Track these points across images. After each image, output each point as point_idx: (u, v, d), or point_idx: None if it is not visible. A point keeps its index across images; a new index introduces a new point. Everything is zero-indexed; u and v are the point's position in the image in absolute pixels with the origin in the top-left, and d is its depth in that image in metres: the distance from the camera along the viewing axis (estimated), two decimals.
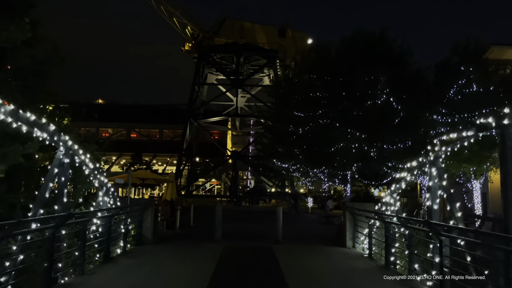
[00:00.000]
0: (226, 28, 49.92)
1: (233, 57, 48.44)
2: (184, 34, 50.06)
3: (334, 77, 22.79)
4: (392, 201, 10.08)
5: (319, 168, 25.07)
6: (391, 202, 10.10)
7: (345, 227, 12.82)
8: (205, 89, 54.81)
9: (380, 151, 22.02)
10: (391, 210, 10.17)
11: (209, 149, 54.81)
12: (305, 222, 26.16)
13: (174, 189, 17.56)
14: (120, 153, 65.66)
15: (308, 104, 23.22)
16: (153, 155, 66.33)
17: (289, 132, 24.67)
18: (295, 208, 20.45)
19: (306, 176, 30.61)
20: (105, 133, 73.71)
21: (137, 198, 18.49)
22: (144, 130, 72.98)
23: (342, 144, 22.33)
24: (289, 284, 7.76)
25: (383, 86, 22.48)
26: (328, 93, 22.88)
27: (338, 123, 22.25)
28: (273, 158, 28.15)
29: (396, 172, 26.30)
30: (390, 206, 10.14)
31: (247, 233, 17.46)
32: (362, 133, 21.97)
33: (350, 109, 22.19)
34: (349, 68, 22.35)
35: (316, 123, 23.02)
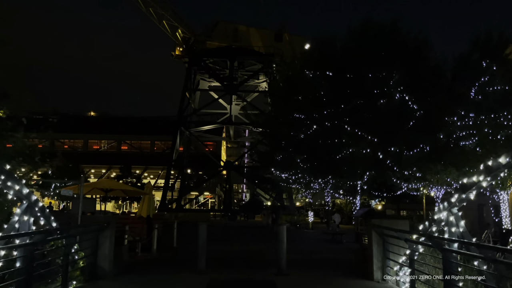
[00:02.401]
0: (219, 32, 47.11)
1: (227, 61, 45.58)
2: (174, 38, 47.21)
3: (340, 73, 19.81)
4: (452, 219, 6.89)
5: (324, 178, 21.89)
6: (451, 220, 6.91)
7: (372, 252, 9.58)
8: (197, 96, 51.79)
9: (396, 158, 18.92)
10: (449, 232, 6.99)
11: (202, 160, 51.66)
12: (308, 240, 22.81)
13: (151, 204, 14.34)
14: (109, 165, 62.54)
15: (311, 104, 20.18)
16: (144, 167, 62.99)
17: (289, 137, 21.52)
18: (275, 223, 17.78)
19: (307, 187, 27.43)
20: (95, 145, 70.82)
21: (96, 216, 15.14)
22: (136, 142, 70.32)
23: (351, 149, 19.27)
24: None
25: (397, 83, 19.55)
26: (334, 92, 19.84)
27: (346, 125, 19.20)
28: (271, 168, 24.93)
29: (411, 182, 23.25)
30: (450, 227, 6.93)
31: (241, 257, 14.15)
32: (374, 137, 18.94)
33: (360, 109, 19.18)
34: (358, 64, 19.44)
35: (321, 125, 19.92)
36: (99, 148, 70.14)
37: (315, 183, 24.03)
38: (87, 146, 70.03)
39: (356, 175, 19.50)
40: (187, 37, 46.33)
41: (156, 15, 45.32)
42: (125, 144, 69.53)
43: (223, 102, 49.10)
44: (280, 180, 26.15)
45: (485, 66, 19.25)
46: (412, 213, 47.81)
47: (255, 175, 43.34)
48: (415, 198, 36.07)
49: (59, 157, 45.77)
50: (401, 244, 8.53)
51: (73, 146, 69.59)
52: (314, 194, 34.55)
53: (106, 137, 69.12)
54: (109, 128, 68.59)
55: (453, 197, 6.74)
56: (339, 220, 30.80)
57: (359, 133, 18.89)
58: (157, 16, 45.60)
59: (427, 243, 7.23)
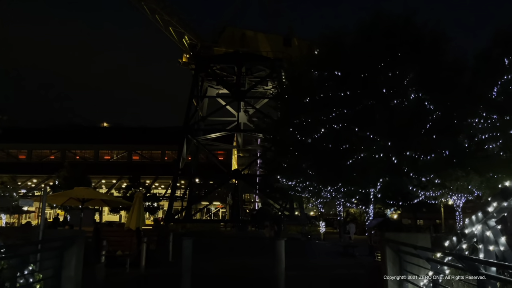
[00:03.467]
0: (226, 37, 46.05)
1: (234, 67, 44.40)
2: (181, 45, 46.32)
3: (350, 72, 18.31)
4: (489, 234, 5.33)
5: (334, 186, 20.27)
6: (488, 236, 5.36)
7: (386, 273, 8.01)
8: (205, 104, 50.68)
9: (412, 163, 17.25)
10: (485, 251, 5.43)
11: (212, 169, 50.40)
12: (318, 253, 21.14)
13: (141, 215, 12.99)
14: (120, 176, 61.90)
15: (319, 105, 18.69)
16: (154, 177, 62.04)
17: (295, 142, 20.01)
18: (277, 236, 16.48)
19: (317, 196, 25.79)
20: (106, 155, 70.70)
21: (63, 230, 13.46)
22: (147, 152, 70.01)
23: (362, 154, 17.68)
24: None
25: (412, 81, 17.97)
26: (343, 92, 18.32)
27: (357, 127, 17.63)
28: (277, 175, 23.41)
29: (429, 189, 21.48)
30: (487, 244, 5.38)
31: (238, 275, 12.64)
32: (388, 140, 17.33)
33: (372, 110, 17.62)
34: (368, 61, 17.95)
35: (329, 128, 18.38)
36: (110, 159, 69.92)
37: (325, 192, 22.43)
38: (98, 156, 69.88)
39: (369, 182, 17.89)
40: (193, 44, 45.41)
41: (162, 22, 44.56)
42: (136, 154, 69.31)
43: (231, 109, 47.88)
44: (288, 188, 24.61)
45: (508, 63, 17.62)
46: (430, 223, 45.62)
47: (264, 184, 41.79)
48: (432, 207, 34.11)
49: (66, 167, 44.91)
50: (421, 264, 6.98)
51: (84, 157, 69.52)
52: (326, 203, 32.82)
53: (117, 147, 68.96)
54: (120, 138, 68.62)
55: (490, 206, 5.19)
56: (354, 230, 28.96)
57: (371, 136, 17.32)
58: (163, 23, 44.83)
59: (457, 265, 5.70)
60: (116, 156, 69.77)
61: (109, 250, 13.21)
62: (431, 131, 17.70)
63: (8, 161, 66.96)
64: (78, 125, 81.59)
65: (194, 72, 45.23)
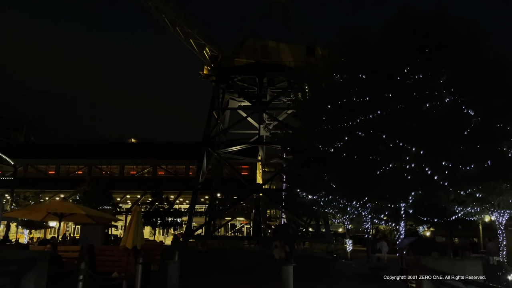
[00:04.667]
0: (247, 48, 44.94)
1: (255, 78, 43.11)
2: (202, 57, 45.54)
3: (376, 73, 16.51)
4: None
5: (360, 200, 18.27)
6: None
7: None
8: (227, 117, 49.48)
9: (449, 174, 15.11)
10: None
11: (235, 184, 48.99)
12: (341, 276, 19.01)
13: (139, 232, 11.55)
14: (144, 191, 61.54)
15: (341, 111, 16.92)
16: (179, 192, 61.26)
17: (316, 152, 18.21)
18: (289, 257, 14.63)
19: (343, 212, 23.74)
20: (132, 170, 71.11)
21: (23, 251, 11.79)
22: (171, 167, 69.86)
23: (391, 164, 15.72)
24: None
25: (447, 82, 15.97)
26: (369, 96, 16.49)
27: (385, 134, 15.71)
28: (297, 188, 21.58)
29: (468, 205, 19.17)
30: None
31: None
32: (420, 149, 15.32)
33: (401, 115, 15.69)
34: (397, 61, 16.14)
35: (354, 136, 16.53)
36: (135, 174, 70.20)
37: (351, 207, 20.42)
38: (123, 171, 70.26)
39: (398, 196, 15.85)
40: (214, 55, 44.53)
41: (183, 34, 43.99)
42: (161, 169, 69.41)
43: (252, 121, 46.45)
44: (309, 203, 22.73)
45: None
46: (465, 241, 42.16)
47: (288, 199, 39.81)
48: (468, 224, 31.23)
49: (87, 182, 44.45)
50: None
51: (110, 172, 70.08)
52: (353, 219, 30.55)
53: (142, 162, 69.27)
54: (146, 153, 69.05)
55: None
56: (386, 249, 26.61)
57: (400, 144, 15.37)
58: (184, 35, 44.26)
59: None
60: (141, 171, 70.02)
61: (103, 271, 11.81)
62: (470, 139, 15.58)
63: (36, 177, 68.27)
64: (104, 141, 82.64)
65: (215, 84, 44.23)
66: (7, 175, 66.61)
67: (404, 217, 16.97)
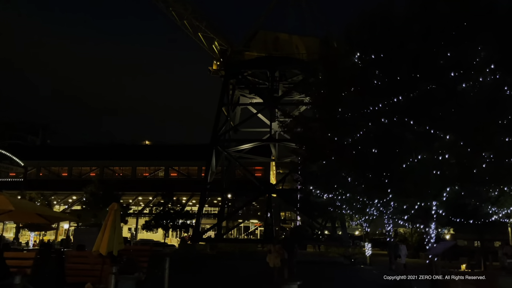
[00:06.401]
0: (258, 41, 42.78)
1: (267, 72, 40.92)
2: (211, 52, 43.65)
3: (400, 50, 14.12)
4: None
5: (382, 199, 15.85)
6: None
7: None
8: (238, 114, 47.40)
9: (492, 167, 12.62)
10: None
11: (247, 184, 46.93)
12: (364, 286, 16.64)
13: (116, 236, 9.48)
14: (156, 192, 60.21)
15: (363, 95, 14.57)
16: (191, 194, 59.65)
17: (333, 143, 15.85)
18: (288, 265, 12.15)
19: (361, 213, 21.32)
20: (144, 172, 70.24)
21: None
22: (184, 168, 68.83)
23: (420, 155, 13.32)
24: None
25: (487, 59, 13.49)
26: (393, 76, 14.09)
27: (413, 120, 13.31)
28: (311, 186, 19.28)
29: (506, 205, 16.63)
30: None
31: None
32: (456, 136, 12.90)
33: (432, 98, 13.27)
34: (426, 35, 13.74)
35: (375, 123, 14.15)
36: (147, 175, 69.33)
37: (370, 207, 18.02)
38: (135, 173, 69.44)
39: (429, 193, 13.43)
40: (224, 49, 42.54)
41: (191, 27, 42.20)
42: (173, 171, 68.37)
43: (264, 118, 44.26)
44: (324, 202, 20.43)
45: None
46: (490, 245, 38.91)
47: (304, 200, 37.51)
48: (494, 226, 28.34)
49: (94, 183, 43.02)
50: None
51: (122, 174, 69.30)
52: (372, 221, 28.10)
53: (154, 163, 68.40)
54: (158, 155, 68.17)
55: None
56: (405, 253, 24.12)
57: (431, 131, 12.97)
58: (192, 29, 42.47)
59: None
60: (153, 173, 69.09)
61: (75, 282, 9.77)
62: None
63: (49, 178, 67.88)
64: (117, 143, 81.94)
65: (224, 79, 42.23)
66: (20, 177, 66.36)
67: (435, 218, 14.53)
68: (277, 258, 13.02)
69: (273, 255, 13.05)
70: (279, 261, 13.05)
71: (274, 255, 13.00)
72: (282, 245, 13.18)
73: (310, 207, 31.27)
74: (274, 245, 13.31)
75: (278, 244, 13.35)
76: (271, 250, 13.11)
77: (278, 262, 13.07)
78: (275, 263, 13.04)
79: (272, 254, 13.07)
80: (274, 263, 13.04)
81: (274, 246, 13.17)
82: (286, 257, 13.05)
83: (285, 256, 13.03)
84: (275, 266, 13.10)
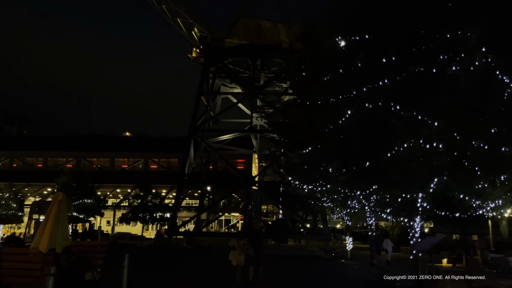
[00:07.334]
0: (240, 28, 41.30)
1: (248, 61, 39.53)
2: (190, 38, 41.98)
3: (387, 31, 13.05)
4: None
5: (365, 190, 14.85)
6: None
7: None
8: (218, 103, 45.97)
9: (483, 156, 11.69)
10: None
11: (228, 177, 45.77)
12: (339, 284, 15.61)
13: (59, 231, 8.14)
14: (135, 185, 58.58)
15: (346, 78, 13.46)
16: (170, 186, 58.28)
17: (313, 130, 14.72)
18: (256, 264, 10.76)
19: (343, 205, 20.37)
20: (123, 164, 68.47)
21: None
22: (164, 160, 67.27)
23: (406, 144, 12.31)
24: None
25: (477, 40, 12.52)
26: (379, 58, 13.00)
27: (400, 105, 12.26)
28: (289, 176, 18.16)
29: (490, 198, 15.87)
30: None
31: None
32: (446, 122, 11.92)
33: (420, 81, 12.24)
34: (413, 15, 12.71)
35: (359, 108, 13.06)
36: (126, 167, 67.61)
37: (352, 199, 17.03)
38: (113, 164, 67.62)
39: (416, 183, 12.45)
40: (204, 36, 40.92)
41: (170, 12, 40.40)
42: (153, 163, 66.82)
43: (245, 109, 42.94)
44: (304, 194, 19.39)
45: None
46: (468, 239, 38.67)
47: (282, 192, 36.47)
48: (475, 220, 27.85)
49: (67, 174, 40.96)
50: None
51: (101, 165, 67.41)
52: (353, 214, 27.26)
53: (134, 155, 66.80)
54: (138, 146, 66.33)
55: None
56: (391, 248, 23.41)
57: (419, 117, 11.96)
58: (171, 14, 40.66)
59: None
60: (132, 165, 67.40)
61: (10, 283, 8.41)
62: (508, 113, 12.16)
63: (23, 169, 65.56)
64: (95, 134, 79.58)
65: (203, 66, 40.66)
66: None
67: (421, 211, 13.60)
68: (241, 255, 11.62)
69: (237, 252, 11.65)
70: (242, 259, 11.66)
71: (238, 251, 11.60)
72: (248, 240, 11.77)
73: (291, 200, 30.27)
74: (239, 240, 11.86)
75: (243, 238, 11.91)
76: (235, 246, 11.70)
77: (241, 259, 11.66)
78: (239, 261, 11.64)
79: (236, 250, 11.67)
80: (239, 261, 11.64)
81: (239, 241, 11.75)
82: (252, 254, 11.63)
83: (251, 253, 11.61)
84: (238, 264, 11.71)
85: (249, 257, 11.51)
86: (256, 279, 11.77)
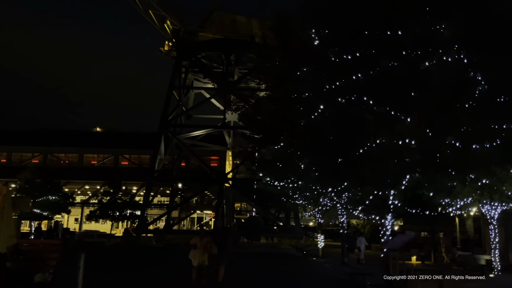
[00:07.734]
0: (213, 22, 40.51)
1: (222, 55, 38.82)
2: (163, 31, 40.86)
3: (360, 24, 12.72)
4: None
5: (336, 187, 14.54)
6: None
7: None
8: (191, 99, 44.99)
9: (456, 153, 11.53)
10: None
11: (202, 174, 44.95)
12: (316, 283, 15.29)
13: (4, 226, 7.37)
14: (104, 181, 56.69)
15: (315, 72, 13.06)
16: (142, 184, 56.72)
17: (284, 124, 14.26)
18: (218, 264, 10.16)
19: (315, 203, 20.09)
20: (93, 160, 66.06)
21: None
22: (135, 156, 65.34)
23: (378, 140, 12.03)
24: None
25: (451, 37, 12.38)
26: (352, 52, 12.65)
27: (372, 100, 11.95)
28: (260, 172, 17.69)
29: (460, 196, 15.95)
30: None
31: None
32: (419, 119, 11.71)
33: (393, 76, 11.98)
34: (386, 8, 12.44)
35: (331, 103, 12.68)
36: (96, 163, 65.33)
37: (324, 196, 16.74)
38: (82, 160, 65.17)
39: (388, 180, 12.21)
40: (176, 29, 39.90)
41: (142, 4, 39.13)
42: (124, 159, 64.80)
43: (218, 104, 42.24)
44: (276, 191, 18.98)
45: None
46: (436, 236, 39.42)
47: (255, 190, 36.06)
48: (444, 218, 28.30)
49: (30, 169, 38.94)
50: None
51: (68, 161, 64.89)
52: (325, 212, 27.08)
53: (103, 151, 64.45)
54: (108, 142, 64.18)
55: None
56: (364, 247, 23.29)
57: (392, 112, 11.70)
58: (143, 6, 39.41)
59: None
60: (102, 161, 65.25)
61: None
62: (478, 110, 12.07)
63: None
64: (62, 128, 76.46)
65: (176, 60, 39.65)
66: None
67: (392, 208, 13.38)
68: (204, 255, 10.87)
69: (199, 251, 10.89)
70: (206, 259, 10.91)
71: (200, 250, 10.85)
72: (211, 238, 11.03)
73: (264, 198, 29.88)
74: (201, 237, 11.10)
75: (206, 236, 11.17)
76: (197, 244, 10.93)
77: (205, 259, 10.92)
78: (201, 261, 10.89)
79: (198, 249, 10.91)
80: (201, 260, 10.88)
81: (201, 240, 10.98)
82: (215, 253, 10.87)
83: (214, 252, 10.85)
84: (200, 265, 10.95)
85: (213, 256, 10.82)
86: (218, 279, 11.18)
